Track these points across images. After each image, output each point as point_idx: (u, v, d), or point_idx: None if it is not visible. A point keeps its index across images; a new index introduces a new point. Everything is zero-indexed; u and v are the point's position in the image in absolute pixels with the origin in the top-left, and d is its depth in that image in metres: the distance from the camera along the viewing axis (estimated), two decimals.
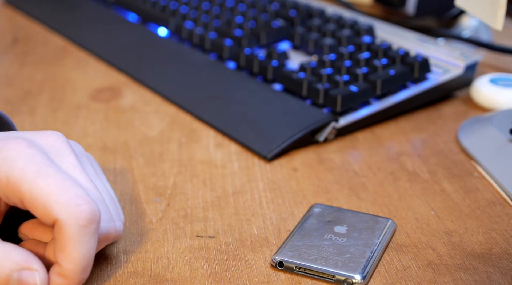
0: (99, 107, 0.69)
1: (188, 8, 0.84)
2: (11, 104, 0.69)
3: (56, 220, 0.40)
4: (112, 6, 0.92)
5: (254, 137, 0.61)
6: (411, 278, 0.45)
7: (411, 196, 0.54)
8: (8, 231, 0.45)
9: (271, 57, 0.70)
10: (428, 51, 0.70)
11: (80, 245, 0.40)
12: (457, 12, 0.85)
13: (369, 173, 0.57)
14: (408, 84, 0.66)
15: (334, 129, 0.61)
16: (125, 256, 0.47)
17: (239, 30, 0.77)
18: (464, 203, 0.53)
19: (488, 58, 0.78)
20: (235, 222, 0.51)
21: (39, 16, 0.92)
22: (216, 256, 0.47)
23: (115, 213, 0.45)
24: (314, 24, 0.77)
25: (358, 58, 0.68)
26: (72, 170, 0.43)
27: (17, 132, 0.45)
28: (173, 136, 0.63)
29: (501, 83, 0.68)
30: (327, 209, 0.51)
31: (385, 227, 0.49)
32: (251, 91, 0.67)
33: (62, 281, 0.40)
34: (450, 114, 0.67)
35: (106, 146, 0.61)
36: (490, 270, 0.46)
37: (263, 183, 0.56)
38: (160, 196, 0.54)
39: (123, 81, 0.74)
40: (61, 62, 0.79)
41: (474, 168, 0.58)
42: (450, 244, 0.48)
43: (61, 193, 0.40)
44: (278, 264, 0.46)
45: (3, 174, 0.40)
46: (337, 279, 0.44)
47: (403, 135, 0.63)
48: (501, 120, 0.62)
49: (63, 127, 0.65)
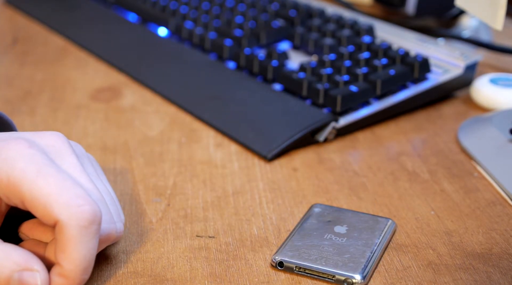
0: (99, 107, 0.69)
1: (188, 8, 0.84)
2: (11, 104, 0.69)
3: (57, 220, 0.40)
4: (112, 6, 0.92)
5: (254, 137, 0.61)
6: (411, 278, 0.45)
7: (411, 196, 0.54)
8: (8, 231, 0.45)
9: (271, 57, 0.70)
10: (428, 51, 0.70)
11: (81, 245, 0.40)
12: (457, 12, 0.85)
13: (369, 173, 0.57)
14: (408, 84, 0.66)
15: (334, 129, 0.61)
16: (125, 256, 0.47)
17: (239, 30, 0.77)
18: (464, 203, 0.53)
19: (488, 58, 0.78)
20: (235, 222, 0.51)
21: (39, 16, 0.92)
22: (216, 256, 0.47)
23: (115, 213, 0.45)
24: (314, 24, 0.77)
25: (358, 58, 0.68)
26: (72, 170, 0.43)
27: (17, 133, 0.45)
28: (173, 136, 0.63)
29: (501, 83, 0.68)
30: (327, 209, 0.51)
31: (385, 227, 0.49)
32: (251, 91, 0.67)
33: (63, 281, 0.40)
34: (450, 114, 0.67)
35: (106, 146, 0.61)
36: (490, 270, 0.46)
37: (263, 183, 0.56)
38: (160, 196, 0.54)
39: (123, 81, 0.74)
40: (61, 62, 0.79)
41: (474, 168, 0.58)
42: (450, 244, 0.48)
43: (61, 193, 0.40)
44: (278, 264, 0.46)
45: (4, 174, 0.40)
46: (337, 279, 0.44)
47: (403, 135, 0.63)
48: (501, 120, 0.62)
49: (63, 128, 0.65)
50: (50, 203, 0.40)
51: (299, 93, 0.65)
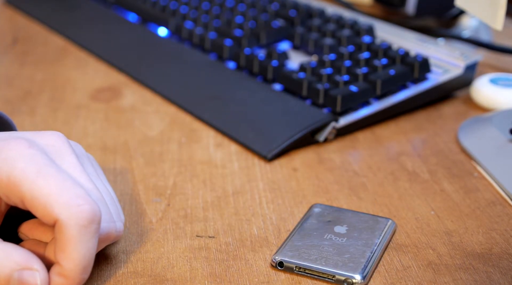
0: (99, 107, 0.69)
1: (188, 8, 0.84)
2: (11, 104, 0.69)
3: (57, 220, 0.40)
4: (112, 6, 0.92)
5: (254, 137, 0.61)
6: (411, 278, 0.45)
7: (411, 196, 0.54)
8: (8, 231, 0.45)
9: (271, 57, 0.70)
10: (428, 51, 0.70)
11: (80, 245, 0.40)
12: (457, 12, 0.85)
13: (369, 173, 0.57)
14: (408, 84, 0.66)
15: (334, 129, 0.61)
16: (125, 256, 0.47)
17: (239, 30, 0.77)
18: (464, 203, 0.53)
19: (488, 58, 0.78)
20: (235, 222, 0.51)
21: (39, 16, 0.92)
22: (216, 256, 0.47)
23: (115, 213, 0.45)
24: (314, 24, 0.77)
25: (358, 58, 0.68)
26: (72, 170, 0.43)
27: (17, 133, 0.45)
28: (173, 136, 0.63)
29: (501, 83, 0.68)
30: (327, 209, 0.51)
31: (385, 227, 0.49)
32: (251, 91, 0.67)
33: (63, 281, 0.40)
34: (450, 114, 0.67)
35: (106, 146, 0.61)
36: (490, 270, 0.46)
37: (263, 183, 0.56)
38: (160, 196, 0.54)
39: (123, 81, 0.74)
40: (61, 62, 0.79)
41: (474, 168, 0.58)
42: (450, 244, 0.48)
43: (61, 193, 0.40)
44: (278, 264, 0.46)
45: (4, 174, 0.40)
46: (337, 279, 0.44)
47: (403, 135, 0.63)
48: (501, 120, 0.62)
49: (63, 127, 0.65)
50: (50, 202, 0.40)
51: (299, 93, 0.65)
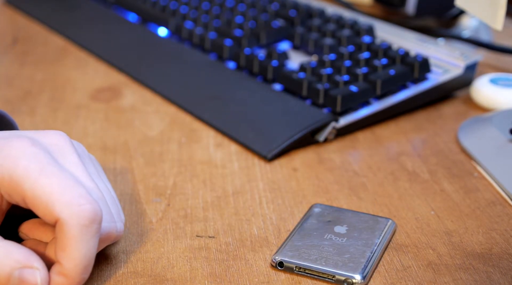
0: (99, 107, 0.69)
1: (188, 8, 0.84)
2: (11, 104, 0.69)
3: (58, 219, 0.40)
4: (112, 6, 0.92)
5: (254, 137, 0.61)
6: (411, 278, 0.45)
7: (411, 196, 0.54)
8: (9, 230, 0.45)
9: (271, 57, 0.70)
10: (428, 51, 0.71)
11: (81, 244, 0.40)
12: (457, 12, 0.85)
13: (369, 173, 0.57)
14: (408, 84, 0.66)
15: (334, 129, 0.61)
16: (125, 256, 0.47)
17: (239, 30, 0.77)
18: (464, 203, 0.53)
19: (488, 58, 0.78)
20: (235, 222, 0.51)
21: (39, 16, 0.92)
22: (216, 256, 0.47)
23: (116, 213, 0.45)
24: (314, 24, 0.77)
25: (358, 58, 0.68)
26: (74, 169, 0.43)
27: (20, 131, 0.45)
28: (173, 136, 0.63)
29: (501, 83, 0.68)
30: (327, 209, 0.51)
31: (385, 227, 0.49)
32: (251, 91, 0.67)
33: (63, 280, 0.40)
34: (450, 114, 0.67)
35: (106, 146, 0.61)
36: (490, 270, 0.46)
37: (263, 183, 0.56)
38: (160, 196, 0.54)
39: (123, 81, 0.74)
40: (61, 62, 0.79)
41: (474, 168, 0.58)
42: (450, 244, 0.48)
43: (63, 192, 0.40)
44: (278, 264, 0.46)
45: (6, 172, 0.40)
46: (337, 279, 0.44)
47: (403, 135, 0.63)
48: (501, 120, 0.62)
49: (63, 127, 0.65)
50: (52, 201, 0.40)
51: (299, 93, 0.65)
